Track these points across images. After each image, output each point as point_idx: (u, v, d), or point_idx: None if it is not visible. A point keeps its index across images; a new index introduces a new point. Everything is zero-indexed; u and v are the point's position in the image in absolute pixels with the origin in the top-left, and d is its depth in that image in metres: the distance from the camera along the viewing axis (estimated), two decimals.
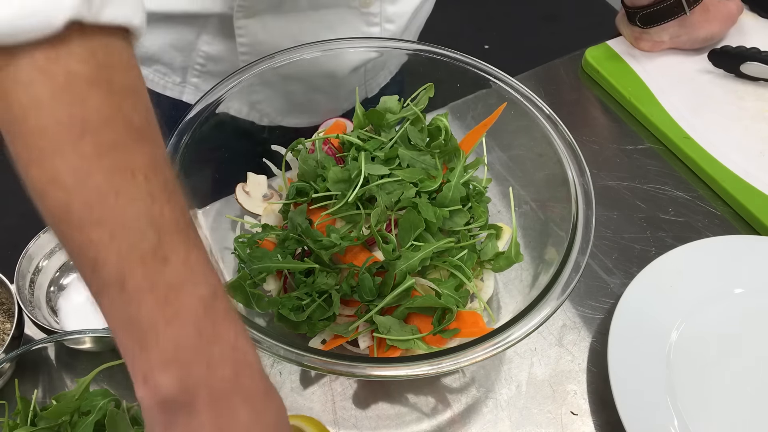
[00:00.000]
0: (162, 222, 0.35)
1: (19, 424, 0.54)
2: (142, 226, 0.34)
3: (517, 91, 0.69)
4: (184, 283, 0.35)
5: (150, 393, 0.35)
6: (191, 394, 0.35)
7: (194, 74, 0.79)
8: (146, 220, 0.34)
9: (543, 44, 2.31)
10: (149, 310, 0.34)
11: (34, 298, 0.65)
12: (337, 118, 0.76)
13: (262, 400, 0.38)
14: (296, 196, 0.65)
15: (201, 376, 0.35)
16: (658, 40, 0.92)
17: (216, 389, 0.36)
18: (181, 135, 0.63)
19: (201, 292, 0.36)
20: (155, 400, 0.35)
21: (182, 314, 0.35)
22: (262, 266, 0.59)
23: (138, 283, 0.34)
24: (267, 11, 0.73)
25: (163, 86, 0.81)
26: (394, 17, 0.79)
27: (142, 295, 0.34)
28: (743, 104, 0.88)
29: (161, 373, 0.35)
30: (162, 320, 0.35)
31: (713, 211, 0.79)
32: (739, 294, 0.69)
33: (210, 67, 0.78)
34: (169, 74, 0.80)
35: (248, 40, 0.74)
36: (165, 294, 0.35)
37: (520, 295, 0.63)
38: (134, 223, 0.34)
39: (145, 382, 0.35)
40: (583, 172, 0.63)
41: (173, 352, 0.35)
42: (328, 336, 0.60)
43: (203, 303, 0.36)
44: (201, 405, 0.35)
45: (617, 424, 0.60)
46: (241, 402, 0.37)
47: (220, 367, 0.36)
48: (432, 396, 0.64)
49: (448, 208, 0.63)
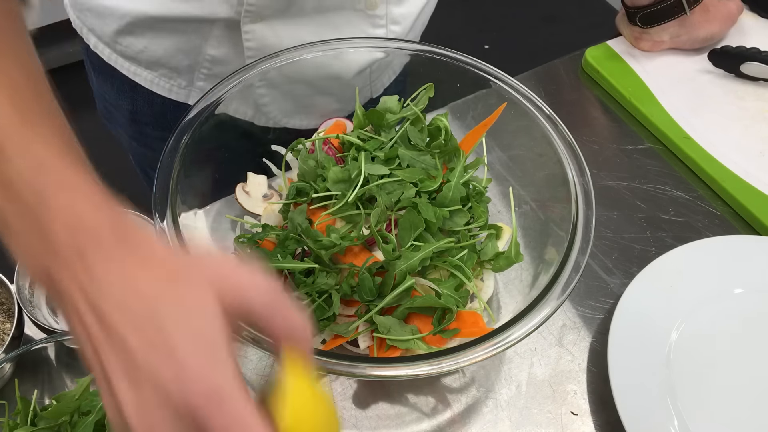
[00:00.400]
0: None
1: (19, 424, 0.54)
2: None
3: (517, 91, 0.69)
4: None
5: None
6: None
7: (200, 78, 0.79)
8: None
9: (543, 44, 2.31)
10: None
11: (34, 298, 0.65)
12: (337, 118, 0.76)
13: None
14: (296, 196, 0.65)
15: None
16: (658, 40, 0.92)
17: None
18: (181, 135, 0.63)
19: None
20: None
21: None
22: (262, 266, 0.59)
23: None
24: (274, 16, 0.73)
25: (169, 90, 0.81)
26: (400, 19, 0.79)
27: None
28: (743, 104, 0.88)
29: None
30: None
31: (713, 211, 0.79)
32: (739, 294, 0.69)
33: (216, 71, 0.78)
34: (175, 78, 0.80)
35: (255, 45, 0.74)
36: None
37: (520, 295, 0.63)
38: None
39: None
40: (583, 172, 0.63)
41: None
42: (328, 336, 0.60)
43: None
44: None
45: (617, 424, 0.60)
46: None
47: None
48: (432, 396, 0.64)
49: (448, 208, 0.63)
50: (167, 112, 0.83)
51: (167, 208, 0.58)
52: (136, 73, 0.80)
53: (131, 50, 0.78)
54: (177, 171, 0.61)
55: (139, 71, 0.80)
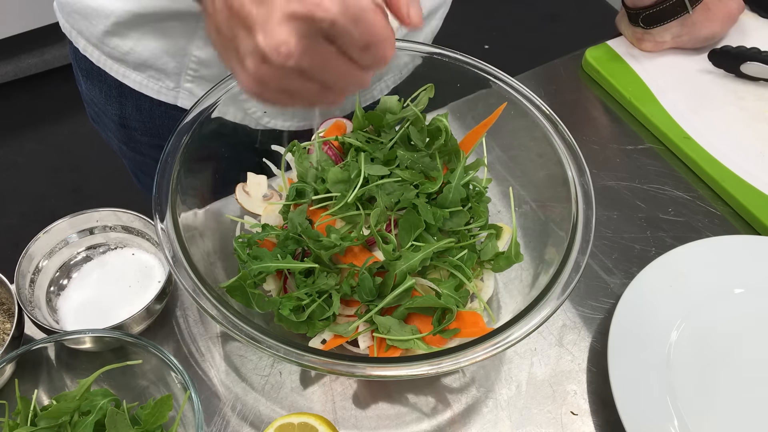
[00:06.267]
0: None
1: (19, 424, 0.54)
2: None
3: (517, 91, 0.69)
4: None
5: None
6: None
7: (188, 79, 0.78)
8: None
9: (543, 44, 2.31)
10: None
11: (34, 298, 0.65)
12: (337, 119, 0.76)
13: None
14: (296, 197, 0.65)
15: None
16: (660, 41, 0.92)
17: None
18: (181, 135, 0.63)
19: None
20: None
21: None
22: (262, 266, 0.59)
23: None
24: None
25: (158, 91, 0.80)
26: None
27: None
28: (743, 104, 0.88)
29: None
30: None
31: (713, 211, 0.79)
32: (739, 294, 0.69)
33: (203, 72, 0.77)
34: (163, 79, 0.79)
35: None
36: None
37: (520, 295, 0.63)
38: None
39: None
40: (583, 172, 0.63)
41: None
42: (328, 336, 0.60)
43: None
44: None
45: (617, 424, 0.60)
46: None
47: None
48: (432, 396, 0.64)
49: (449, 209, 0.63)
50: (156, 117, 0.83)
51: (167, 208, 0.58)
52: (125, 75, 0.80)
53: (118, 51, 0.77)
54: (177, 171, 0.61)
55: (128, 73, 0.79)
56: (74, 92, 0.95)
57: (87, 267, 0.69)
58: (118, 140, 0.90)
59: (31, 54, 2.09)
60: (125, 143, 0.90)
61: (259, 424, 0.62)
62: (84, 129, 1.97)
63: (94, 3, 0.75)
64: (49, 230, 0.67)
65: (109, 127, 0.89)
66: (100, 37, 0.77)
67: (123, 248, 0.70)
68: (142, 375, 0.59)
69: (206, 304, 0.54)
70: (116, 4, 0.73)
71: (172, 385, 0.58)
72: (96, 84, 0.84)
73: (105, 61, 0.80)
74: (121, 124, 0.86)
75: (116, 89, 0.82)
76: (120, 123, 0.86)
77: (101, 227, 0.69)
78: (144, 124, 0.84)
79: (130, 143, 0.89)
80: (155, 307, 0.63)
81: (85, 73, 0.84)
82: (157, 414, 0.54)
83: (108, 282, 0.68)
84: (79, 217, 0.68)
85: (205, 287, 0.54)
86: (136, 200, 0.83)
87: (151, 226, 0.67)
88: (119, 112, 0.85)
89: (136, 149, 0.90)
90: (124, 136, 0.88)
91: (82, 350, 0.61)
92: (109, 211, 0.68)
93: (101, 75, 0.81)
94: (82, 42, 0.80)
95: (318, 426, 0.57)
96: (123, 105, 0.83)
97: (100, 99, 0.85)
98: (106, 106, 0.85)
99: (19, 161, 1.98)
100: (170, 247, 0.56)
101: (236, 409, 0.63)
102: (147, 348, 0.57)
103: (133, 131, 0.86)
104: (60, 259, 0.68)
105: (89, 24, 0.77)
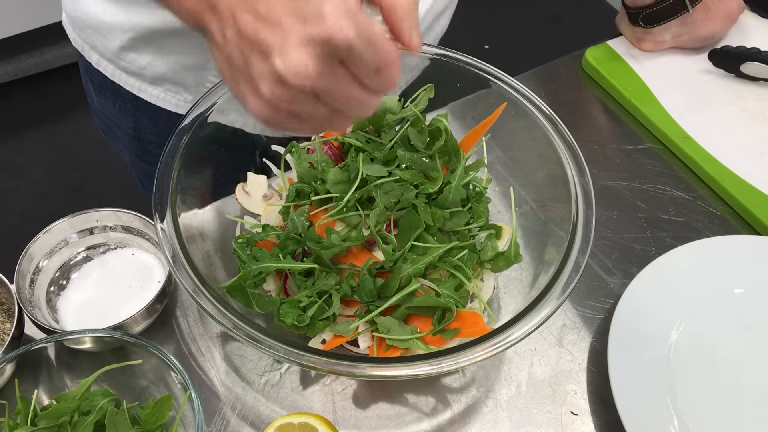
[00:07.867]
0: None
1: (19, 424, 0.54)
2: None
3: (517, 91, 0.69)
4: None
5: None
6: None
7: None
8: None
9: (543, 44, 2.31)
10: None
11: (34, 298, 0.65)
12: None
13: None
14: (296, 197, 0.65)
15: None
16: (660, 40, 0.92)
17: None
18: (181, 135, 0.63)
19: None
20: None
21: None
22: (262, 266, 0.59)
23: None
24: None
25: (175, 105, 0.80)
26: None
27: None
28: (743, 104, 0.88)
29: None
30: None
31: (713, 211, 0.79)
32: (739, 294, 0.69)
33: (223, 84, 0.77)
34: (181, 92, 0.78)
35: None
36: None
37: (520, 295, 0.63)
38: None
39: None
40: (583, 172, 0.63)
41: None
42: (328, 336, 0.60)
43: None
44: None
45: (617, 424, 0.60)
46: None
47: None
48: (432, 396, 0.64)
49: (449, 210, 0.63)
50: (171, 129, 0.82)
51: (167, 208, 0.58)
52: (141, 89, 0.79)
53: (135, 66, 0.77)
54: (177, 171, 0.61)
55: (144, 87, 0.79)
56: (74, 92, 0.95)
57: (87, 267, 0.69)
58: (130, 153, 0.90)
59: (31, 54, 2.09)
60: (138, 155, 0.89)
61: (259, 424, 0.62)
62: (84, 129, 1.98)
63: (109, 18, 0.74)
64: (49, 230, 0.67)
65: (122, 139, 0.88)
66: (116, 52, 0.76)
67: (123, 248, 0.70)
68: (142, 375, 0.59)
69: (206, 304, 0.54)
70: (132, 18, 0.72)
71: (172, 385, 0.58)
72: (109, 98, 0.83)
73: (120, 76, 0.79)
74: (135, 137, 0.85)
75: (131, 102, 0.81)
76: (134, 136, 0.85)
77: (101, 227, 0.69)
78: (159, 137, 0.83)
79: (144, 156, 0.88)
80: (155, 307, 0.63)
81: (98, 87, 0.83)
82: (157, 414, 0.54)
83: (108, 282, 0.68)
84: (79, 217, 0.68)
85: (205, 287, 0.54)
86: (136, 200, 0.83)
87: (151, 226, 0.67)
88: (134, 125, 0.84)
89: (149, 161, 0.89)
90: (138, 149, 0.88)
91: (82, 350, 0.61)
92: (109, 211, 0.68)
93: (115, 89, 0.80)
94: (95, 56, 0.79)
95: (318, 426, 0.57)
96: (138, 118, 0.83)
97: (113, 112, 0.84)
98: (120, 119, 0.84)
99: (19, 161, 1.98)
100: (170, 247, 0.56)
101: (236, 409, 0.63)
102: (147, 348, 0.57)
103: (148, 144, 0.86)
104: (60, 259, 0.68)
105: (103, 39, 0.76)
